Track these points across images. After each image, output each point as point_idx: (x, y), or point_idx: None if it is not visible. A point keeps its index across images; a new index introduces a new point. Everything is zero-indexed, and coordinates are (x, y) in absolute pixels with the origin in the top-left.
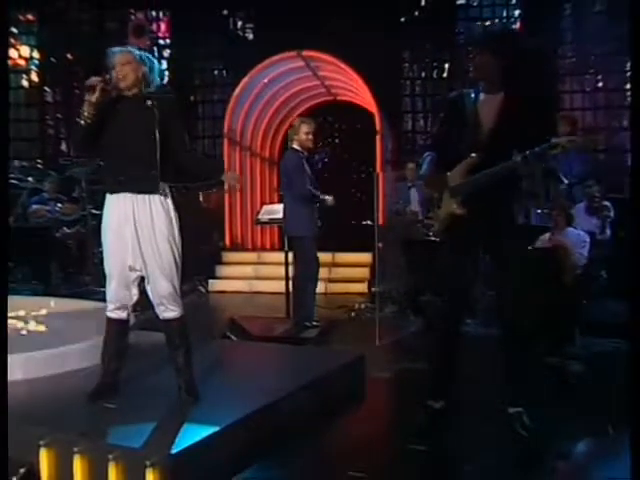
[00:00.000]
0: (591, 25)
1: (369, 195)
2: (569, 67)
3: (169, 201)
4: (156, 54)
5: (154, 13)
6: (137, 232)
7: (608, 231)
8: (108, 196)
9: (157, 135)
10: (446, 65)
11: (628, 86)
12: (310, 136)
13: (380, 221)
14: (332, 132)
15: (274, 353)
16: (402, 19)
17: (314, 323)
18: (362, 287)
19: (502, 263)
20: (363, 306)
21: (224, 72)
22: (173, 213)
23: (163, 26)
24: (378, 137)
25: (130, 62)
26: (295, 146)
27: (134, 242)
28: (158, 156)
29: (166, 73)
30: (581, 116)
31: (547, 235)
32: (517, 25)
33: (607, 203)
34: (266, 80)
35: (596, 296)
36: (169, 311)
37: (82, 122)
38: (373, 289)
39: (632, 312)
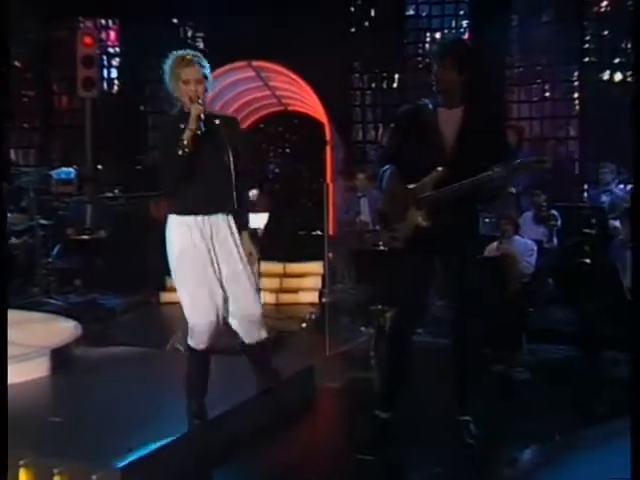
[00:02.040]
0: (539, 36)
1: (319, 205)
2: (516, 77)
3: (232, 220)
4: (105, 63)
5: (103, 21)
6: (215, 254)
7: (555, 239)
8: (175, 218)
9: (230, 154)
10: (396, 76)
11: (575, 95)
12: None
13: (330, 231)
14: (283, 142)
15: (222, 364)
16: (352, 29)
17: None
18: (313, 297)
19: (461, 275)
20: (313, 316)
21: None
22: (236, 232)
23: (112, 34)
24: (328, 147)
25: (203, 79)
26: None
27: (213, 265)
28: (233, 175)
29: (115, 82)
30: (528, 126)
31: (494, 244)
32: (466, 35)
33: (554, 212)
34: (216, 90)
35: (543, 303)
36: (249, 337)
37: (180, 153)
38: (324, 299)
39: (633, 312)
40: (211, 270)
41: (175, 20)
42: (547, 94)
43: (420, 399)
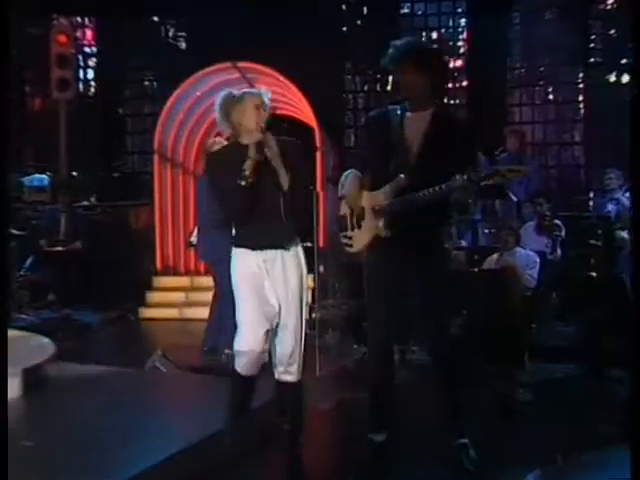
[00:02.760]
0: (541, 35)
1: (309, 215)
2: (518, 79)
3: (301, 253)
4: (81, 63)
5: (79, 19)
6: (274, 285)
7: (559, 251)
8: (237, 249)
9: (287, 183)
10: (390, 77)
11: (580, 98)
12: None
13: (320, 243)
14: None
15: (206, 384)
16: (344, 28)
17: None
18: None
19: (427, 288)
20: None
21: (154, 83)
22: (304, 266)
23: (88, 33)
24: (318, 153)
25: (264, 107)
26: None
27: (270, 296)
28: (290, 206)
29: (92, 84)
30: (530, 130)
31: (494, 256)
32: (464, 34)
33: (558, 221)
34: (199, 93)
35: (546, 319)
36: (287, 374)
37: (243, 184)
38: (313, 315)
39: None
40: (265, 302)
41: (156, 18)
42: (550, 96)
43: (417, 420)
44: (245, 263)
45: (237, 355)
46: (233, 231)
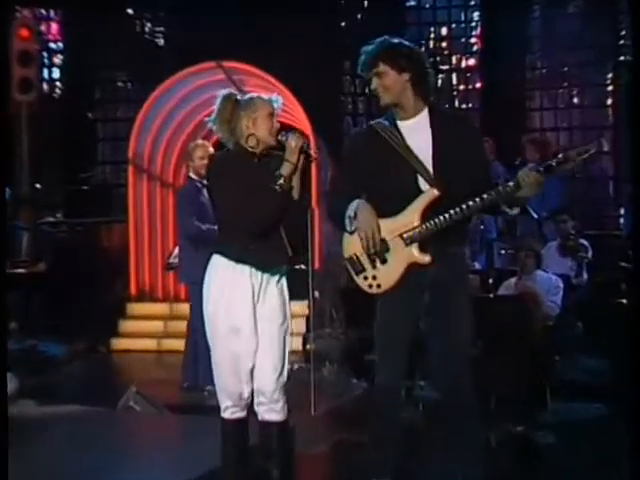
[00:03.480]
0: (565, 30)
1: (303, 234)
2: (538, 80)
3: (284, 279)
4: (46, 61)
5: (44, 11)
6: (255, 314)
7: (585, 275)
8: (223, 261)
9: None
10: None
11: (609, 101)
12: (206, 161)
13: (316, 265)
14: None
15: (186, 425)
16: (342, 23)
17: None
18: (296, 343)
19: (451, 312)
20: (296, 366)
21: (129, 84)
22: (286, 291)
23: (54, 27)
24: (314, 165)
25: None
26: (191, 174)
27: (252, 326)
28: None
29: (58, 84)
30: (554, 138)
31: (513, 280)
32: (478, 30)
33: (584, 241)
34: (179, 95)
35: (570, 351)
36: (271, 412)
37: (278, 189)
38: (308, 346)
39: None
40: (250, 328)
41: (130, 11)
42: (575, 100)
43: (424, 465)
44: (229, 281)
45: (219, 398)
46: (224, 243)
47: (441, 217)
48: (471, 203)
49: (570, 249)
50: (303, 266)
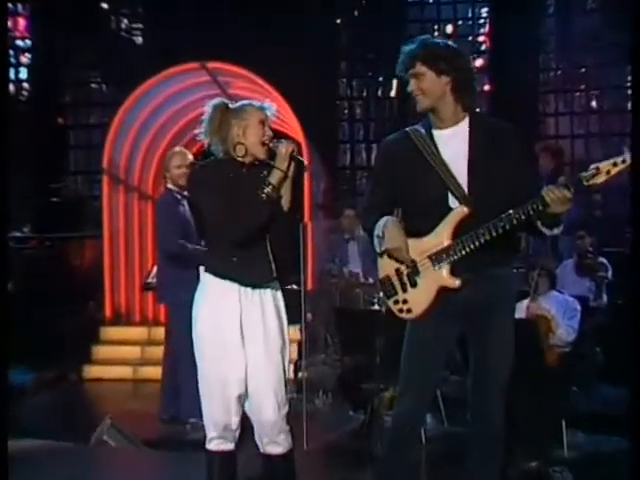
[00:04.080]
0: (582, 28)
1: (295, 251)
2: (553, 82)
3: (280, 297)
4: (12, 60)
5: (10, 4)
6: (243, 336)
7: (605, 296)
8: (211, 279)
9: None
10: (394, 81)
11: (629, 106)
12: (185, 170)
13: (309, 285)
14: None
15: (165, 461)
16: (337, 21)
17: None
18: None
19: (491, 344)
20: (287, 396)
21: (103, 87)
22: (284, 314)
23: (21, 22)
24: (306, 175)
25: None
26: (169, 185)
27: (239, 348)
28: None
29: (25, 86)
30: (569, 145)
31: (525, 302)
32: (486, 28)
33: (603, 260)
34: (159, 99)
35: (589, 380)
36: (273, 445)
37: (264, 197)
38: (300, 374)
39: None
40: (238, 351)
41: (105, 5)
42: (593, 104)
43: None
44: (217, 298)
45: (206, 428)
46: (209, 258)
47: (467, 237)
48: (495, 222)
49: (588, 268)
50: (295, 286)
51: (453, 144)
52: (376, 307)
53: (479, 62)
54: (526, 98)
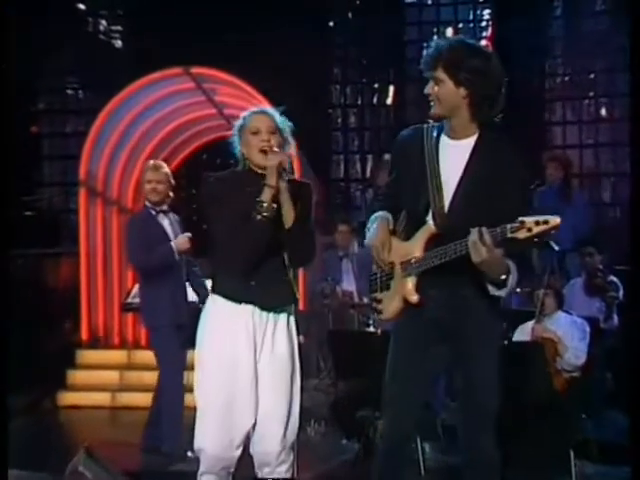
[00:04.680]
0: (590, 31)
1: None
2: (560, 89)
3: (293, 321)
4: None
5: None
6: (255, 361)
7: (615, 317)
8: (220, 301)
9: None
10: (391, 87)
11: None
12: (155, 185)
13: (300, 305)
14: None
15: None
16: (330, 23)
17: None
18: None
19: (472, 369)
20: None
21: (80, 93)
22: (296, 337)
23: None
24: None
25: (275, 130)
26: (146, 201)
27: (252, 376)
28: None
29: None
30: (577, 156)
31: (530, 323)
32: (488, 31)
33: (614, 278)
34: (140, 106)
35: (599, 407)
36: (275, 475)
37: (260, 217)
38: None
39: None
40: (250, 382)
41: (82, 6)
42: (602, 112)
43: None
44: (229, 321)
45: (201, 461)
46: (221, 279)
47: (430, 254)
48: (445, 249)
49: (598, 287)
50: None
51: (454, 157)
52: (371, 329)
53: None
54: (531, 106)
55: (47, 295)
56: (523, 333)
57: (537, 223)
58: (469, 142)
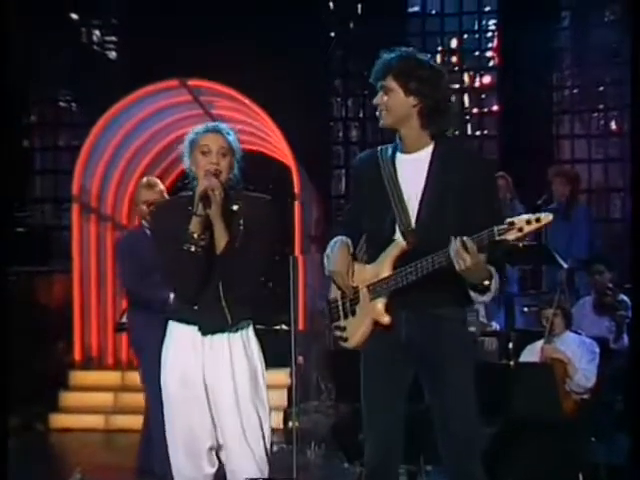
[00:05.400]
0: (599, 41)
1: (284, 287)
2: (568, 101)
3: (253, 341)
4: None
5: None
6: (207, 384)
7: (626, 338)
8: (174, 325)
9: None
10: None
11: None
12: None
13: (300, 325)
14: None
15: None
16: (331, 34)
17: None
18: (275, 419)
19: (448, 388)
20: (276, 447)
21: (73, 105)
22: (258, 358)
23: None
24: (297, 203)
25: (227, 151)
26: (143, 220)
27: (203, 397)
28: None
29: None
30: (586, 170)
31: (538, 344)
32: (494, 42)
33: (624, 297)
34: (134, 119)
35: (609, 431)
36: None
37: (193, 249)
38: (290, 423)
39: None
40: (202, 399)
41: (75, 16)
42: (612, 126)
43: None
44: (180, 345)
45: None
46: (173, 304)
47: (400, 272)
48: (421, 263)
49: (607, 306)
50: (284, 326)
51: (412, 171)
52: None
53: (486, 79)
54: (538, 119)
55: (38, 314)
56: (531, 354)
57: (529, 222)
58: (425, 154)
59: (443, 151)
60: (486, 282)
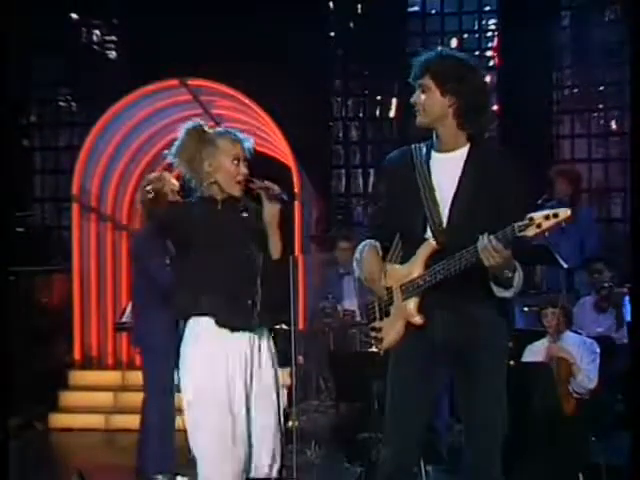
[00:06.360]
0: (600, 41)
1: (284, 287)
2: (569, 101)
3: (271, 340)
4: None
5: None
6: (246, 391)
7: (627, 337)
8: (204, 321)
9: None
10: (394, 100)
11: None
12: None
13: (300, 324)
14: None
15: None
16: (331, 33)
17: (179, 478)
18: None
19: (473, 389)
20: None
21: (72, 105)
22: (276, 358)
23: None
24: (297, 203)
25: (245, 159)
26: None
27: (241, 405)
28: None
29: None
30: (587, 170)
31: (540, 343)
32: (494, 42)
33: (622, 289)
34: (134, 119)
35: (610, 430)
36: None
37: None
38: (290, 423)
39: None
40: (244, 410)
41: (75, 15)
42: (612, 125)
43: None
44: (217, 349)
45: None
46: (195, 298)
47: (430, 271)
48: (447, 261)
49: (608, 306)
50: (284, 326)
51: (446, 171)
52: (373, 349)
53: (486, 79)
54: (538, 119)
55: (39, 314)
56: (532, 354)
57: (547, 217)
58: (460, 153)
59: (479, 152)
60: (509, 274)
